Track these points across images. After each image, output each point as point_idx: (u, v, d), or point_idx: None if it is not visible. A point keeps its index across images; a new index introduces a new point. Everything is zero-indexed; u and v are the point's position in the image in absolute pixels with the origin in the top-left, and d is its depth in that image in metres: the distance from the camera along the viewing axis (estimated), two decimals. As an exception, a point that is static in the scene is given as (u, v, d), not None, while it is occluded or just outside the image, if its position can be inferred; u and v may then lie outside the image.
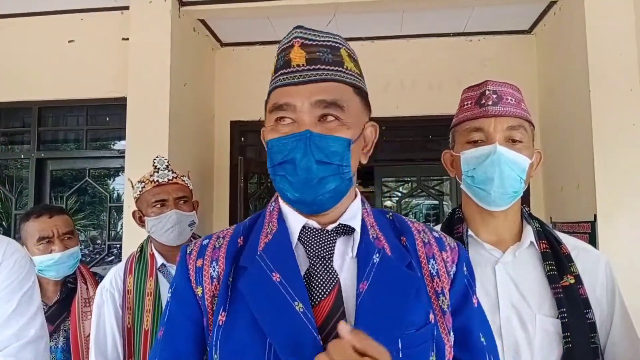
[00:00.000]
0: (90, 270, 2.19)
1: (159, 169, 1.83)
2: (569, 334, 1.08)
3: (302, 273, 0.83)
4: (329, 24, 3.71)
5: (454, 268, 0.90)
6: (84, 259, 3.81)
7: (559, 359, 1.09)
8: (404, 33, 4.12)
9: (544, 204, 3.97)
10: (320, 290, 0.82)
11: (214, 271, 0.87)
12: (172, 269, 1.80)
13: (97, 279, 2.08)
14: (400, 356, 0.79)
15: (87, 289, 2.04)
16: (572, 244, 1.22)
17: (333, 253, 0.86)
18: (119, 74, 3.63)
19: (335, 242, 0.86)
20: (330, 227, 0.87)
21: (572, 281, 1.13)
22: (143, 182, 1.82)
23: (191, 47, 3.85)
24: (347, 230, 0.87)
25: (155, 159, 1.86)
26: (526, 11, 3.81)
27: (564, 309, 1.09)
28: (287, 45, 0.87)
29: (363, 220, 0.89)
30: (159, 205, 1.79)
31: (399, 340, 0.79)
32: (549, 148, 3.71)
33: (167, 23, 3.47)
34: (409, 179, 5.87)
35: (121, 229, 3.88)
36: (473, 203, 1.21)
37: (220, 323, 0.82)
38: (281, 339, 0.77)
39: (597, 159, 3.12)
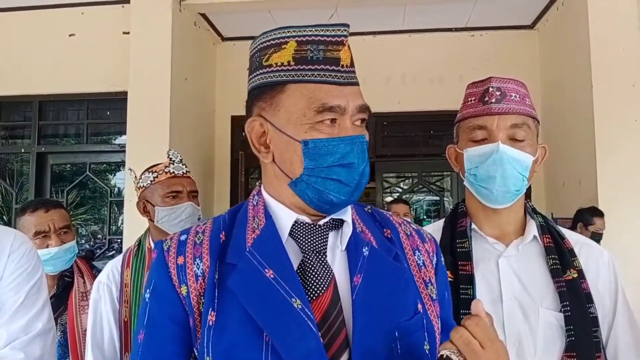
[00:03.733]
0: (90, 265, 2.18)
1: (173, 161, 1.86)
2: (571, 327, 1.08)
3: (295, 268, 0.82)
4: (330, 18, 3.70)
5: (435, 258, 0.92)
6: (84, 253, 3.82)
7: (561, 351, 1.09)
8: (405, 28, 4.11)
9: (545, 199, 3.98)
10: (316, 286, 0.81)
11: (198, 269, 0.83)
12: None
13: (95, 272, 2.08)
14: (399, 346, 0.79)
15: (84, 282, 2.04)
16: (574, 239, 1.22)
17: (326, 247, 0.85)
18: (120, 68, 3.63)
19: (327, 235, 0.86)
20: (322, 222, 0.86)
21: (575, 275, 1.12)
22: (155, 172, 1.84)
23: (192, 41, 3.84)
24: (337, 225, 0.87)
25: (169, 152, 1.90)
26: (529, 6, 3.80)
27: (567, 303, 1.09)
28: (334, 40, 0.82)
29: None
30: (174, 196, 1.80)
31: (396, 330, 0.80)
32: (550, 143, 3.66)
33: (167, 17, 3.47)
34: (410, 175, 5.87)
35: (122, 223, 3.88)
36: (476, 198, 1.21)
37: (210, 323, 0.79)
38: (282, 336, 0.76)
39: (599, 155, 3.12)
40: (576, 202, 3.41)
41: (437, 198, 5.73)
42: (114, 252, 4.06)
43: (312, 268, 0.82)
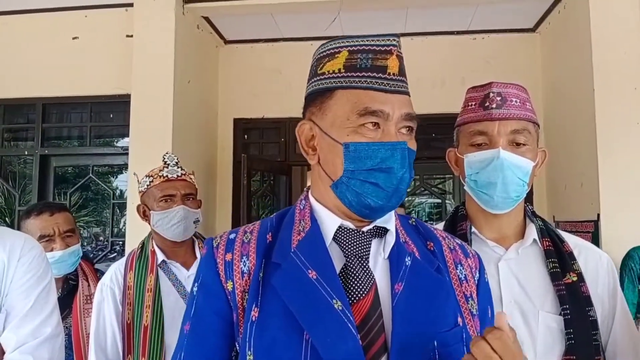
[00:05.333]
0: (94, 267, 2.19)
1: (168, 164, 1.87)
2: (571, 330, 1.09)
3: (337, 272, 0.84)
4: (333, 22, 3.71)
5: (477, 274, 0.93)
6: (88, 254, 3.82)
7: (561, 355, 1.10)
8: (407, 31, 4.11)
9: (547, 202, 3.97)
10: (357, 289, 0.83)
11: (244, 266, 0.86)
12: (173, 265, 1.84)
13: (99, 275, 2.08)
14: (437, 355, 0.80)
15: (89, 285, 2.04)
16: (574, 242, 1.22)
17: (369, 253, 0.87)
18: (123, 71, 3.65)
19: (370, 242, 0.87)
20: (365, 229, 0.88)
21: (575, 279, 1.13)
22: (151, 176, 1.85)
23: (195, 44, 3.86)
24: (380, 233, 0.89)
25: (165, 155, 1.90)
26: (530, 9, 3.81)
27: (567, 306, 1.10)
28: (382, 49, 0.86)
29: None
30: (166, 200, 1.81)
31: (435, 340, 0.81)
32: (552, 146, 3.70)
33: (171, 20, 3.48)
34: (412, 177, 5.86)
35: (124, 225, 3.89)
36: (476, 202, 1.21)
37: (253, 319, 0.82)
38: (322, 336, 0.78)
39: (601, 158, 3.12)
40: (578, 205, 3.41)
41: (439, 200, 5.74)
42: (115, 254, 4.07)
43: (354, 272, 0.84)
